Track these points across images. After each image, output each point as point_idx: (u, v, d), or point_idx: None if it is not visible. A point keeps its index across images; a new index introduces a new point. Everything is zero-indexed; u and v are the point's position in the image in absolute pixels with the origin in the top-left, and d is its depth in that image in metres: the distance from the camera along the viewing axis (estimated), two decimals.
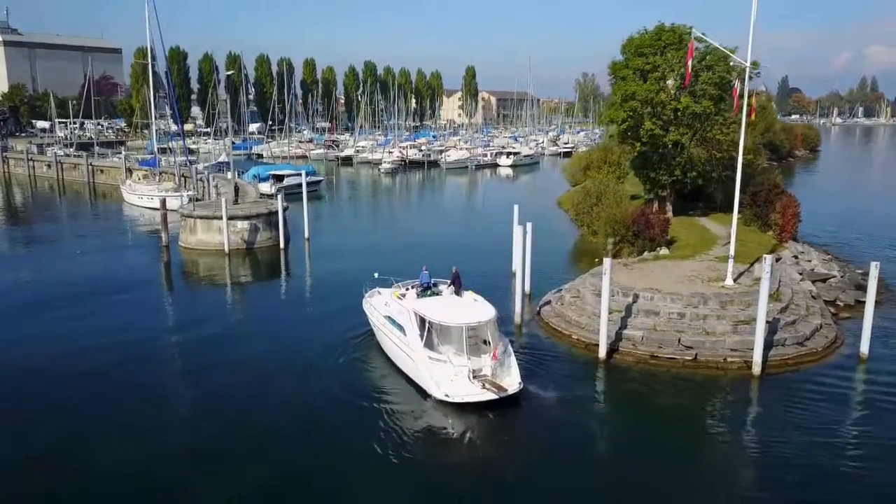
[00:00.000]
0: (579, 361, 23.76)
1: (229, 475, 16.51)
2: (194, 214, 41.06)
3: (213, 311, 30.72)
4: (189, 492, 15.83)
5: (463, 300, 22.77)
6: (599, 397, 21.61)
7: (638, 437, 18.91)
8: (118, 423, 18.98)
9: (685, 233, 37.64)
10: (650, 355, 23.27)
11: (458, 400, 19.22)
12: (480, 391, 19.41)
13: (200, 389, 21.56)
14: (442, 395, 19.41)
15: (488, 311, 21.35)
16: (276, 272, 38.97)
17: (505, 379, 20.04)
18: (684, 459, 17.58)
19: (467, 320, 20.68)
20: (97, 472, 16.56)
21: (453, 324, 20.58)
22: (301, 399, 20.64)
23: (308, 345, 25.19)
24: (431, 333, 20.81)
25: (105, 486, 15.99)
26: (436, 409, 19.69)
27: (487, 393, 19.34)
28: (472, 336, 20.92)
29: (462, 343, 20.31)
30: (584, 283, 28.14)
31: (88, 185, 76.24)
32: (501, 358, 20.31)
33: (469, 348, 20.39)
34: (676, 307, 24.55)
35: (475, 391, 19.44)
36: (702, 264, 29.95)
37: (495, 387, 19.46)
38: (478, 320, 20.80)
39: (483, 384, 19.55)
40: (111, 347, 24.63)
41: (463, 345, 20.27)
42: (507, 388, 19.57)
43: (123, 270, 37.54)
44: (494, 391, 19.35)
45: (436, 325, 20.71)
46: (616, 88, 40.66)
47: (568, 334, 25.48)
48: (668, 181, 41.25)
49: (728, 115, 39.13)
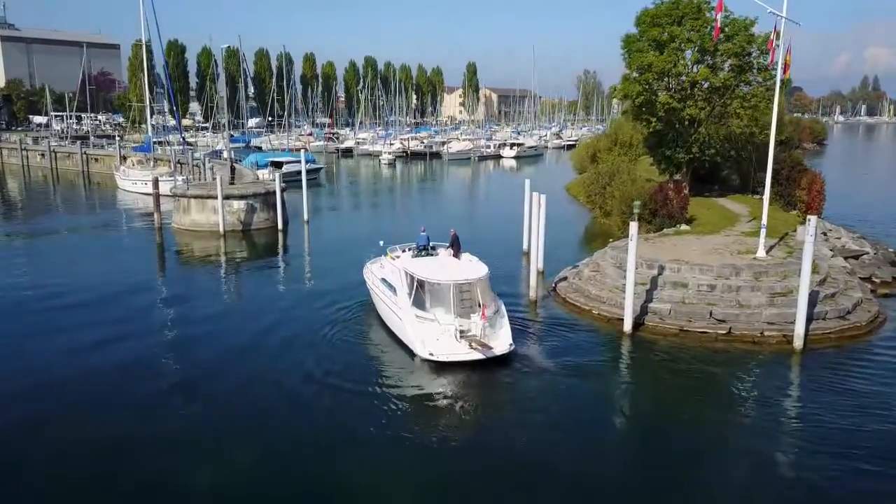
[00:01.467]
0: (602, 336, 21.89)
1: (216, 454, 14.71)
2: (188, 194, 39.16)
3: (207, 291, 28.84)
4: (181, 470, 14.05)
5: (454, 260, 21.86)
6: (625, 371, 19.75)
7: (668, 410, 17.08)
8: (107, 408, 17.19)
9: (704, 212, 35.71)
10: (679, 329, 21.39)
11: (443, 359, 18.52)
12: (467, 351, 18.65)
13: (190, 367, 19.69)
14: (426, 353, 18.73)
15: (480, 269, 20.60)
16: (274, 253, 37.01)
17: (494, 339, 19.15)
18: (720, 434, 15.74)
19: (455, 278, 19.86)
20: (85, 454, 14.81)
21: (440, 281, 19.80)
22: (288, 374, 18.93)
23: (304, 322, 23.47)
24: (421, 292, 20.09)
25: (96, 466, 14.27)
26: (422, 370, 18.75)
27: (474, 353, 18.60)
28: (464, 296, 19.97)
29: (450, 301, 19.43)
30: (604, 257, 26.24)
31: (83, 174, 74.32)
32: (491, 318, 19.41)
33: (459, 308, 19.60)
34: (706, 279, 22.65)
35: (461, 350, 18.69)
36: (727, 238, 28.06)
37: (482, 346, 18.64)
38: (466, 278, 19.99)
39: (470, 344, 18.73)
40: (98, 334, 22.16)
41: (450, 303, 19.39)
42: (493, 347, 18.71)
43: (114, 254, 35.63)
44: (481, 351, 18.55)
45: (423, 282, 19.98)
46: (630, 62, 38.71)
47: (588, 309, 23.58)
48: (685, 159, 39.29)
49: (750, 88, 37.35)
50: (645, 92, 37.91)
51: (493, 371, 18.87)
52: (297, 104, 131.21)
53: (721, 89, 37.81)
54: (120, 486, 13.51)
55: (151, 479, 13.71)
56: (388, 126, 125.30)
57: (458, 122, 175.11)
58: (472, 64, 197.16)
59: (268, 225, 40.15)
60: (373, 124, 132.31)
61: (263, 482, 13.62)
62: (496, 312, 19.90)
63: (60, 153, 79.32)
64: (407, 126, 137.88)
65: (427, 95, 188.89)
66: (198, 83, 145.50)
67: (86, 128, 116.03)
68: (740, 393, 18.10)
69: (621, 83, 39.76)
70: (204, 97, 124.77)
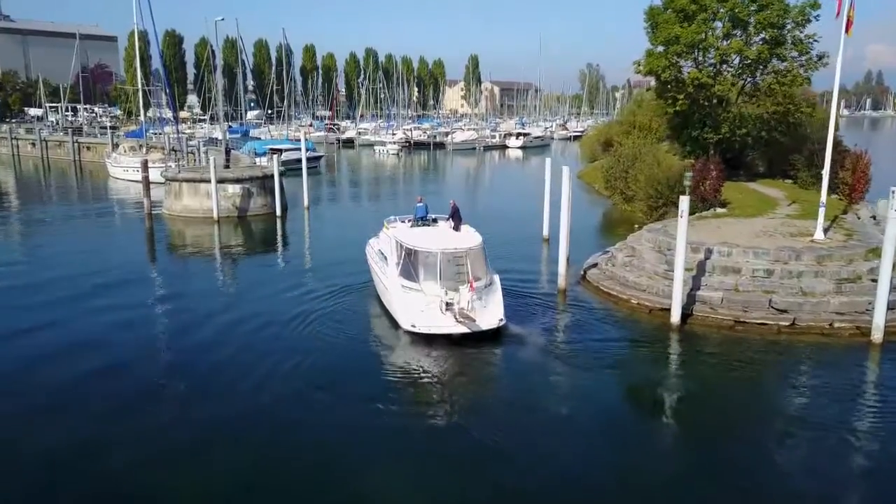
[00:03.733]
0: (645, 328, 19.16)
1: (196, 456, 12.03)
2: (179, 177, 36.40)
3: (197, 279, 26.24)
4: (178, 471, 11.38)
5: (448, 230, 20.69)
6: (674, 370, 17.00)
7: (728, 416, 14.35)
8: (93, 406, 14.53)
9: (738, 195, 32.89)
10: (734, 321, 18.67)
11: (424, 331, 17.57)
12: (452, 324, 17.52)
13: (181, 362, 17.11)
14: (409, 325, 17.79)
15: (472, 239, 19.49)
16: (272, 240, 34.26)
17: (483, 313, 17.86)
18: (790, 445, 13.07)
19: (443, 247, 18.68)
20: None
21: (428, 249, 18.65)
22: (277, 363, 16.59)
23: (302, 308, 20.89)
24: (409, 262, 18.92)
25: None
26: (409, 344, 17.67)
27: (458, 326, 17.49)
28: (454, 267, 18.60)
29: (437, 272, 18.24)
30: (640, 240, 23.50)
31: (74, 162, 71.46)
32: (481, 290, 18.03)
33: (448, 279, 18.32)
34: (762, 263, 19.92)
35: (445, 323, 17.56)
36: (773, 221, 25.34)
37: (467, 319, 17.44)
38: (455, 247, 18.82)
39: (455, 317, 17.50)
40: (84, 329, 19.52)
41: (438, 274, 18.19)
42: (478, 321, 17.49)
43: (99, 242, 32.83)
44: (465, 324, 17.42)
45: (411, 251, 18.84)
46: (655, 35, 35.90)
47: (626, 298, 20.85)
48: (714, 140, 36.49)
49: (785, 63, 34.57)
50: (671, 67, 35.17)
51: (517, 368, 16.50)
52: (296, 96, 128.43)
53: (753, 64, 35.10)
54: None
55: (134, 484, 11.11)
56: (389, 119, 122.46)
57: (461, 115, 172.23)
58: (475, 56, 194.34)
59: (265, 211, 37.44)
60: (374, 117, 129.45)
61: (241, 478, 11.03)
62: (488, 286, 18.66)
63: (51, 142, 76.50)
64: (409, 119, 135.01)
65: (429, 88, 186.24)
66: (196, 74, 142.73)
67: (81, 120, 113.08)
68: (812, 395, 15.41)
69: (645, 58, 36.98)
70: (202, 88, 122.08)
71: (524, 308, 20.70)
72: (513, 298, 21.12)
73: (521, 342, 18.03)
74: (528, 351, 17.54)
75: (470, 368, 16.77)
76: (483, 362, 17.27)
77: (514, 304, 20.44)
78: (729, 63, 36.39)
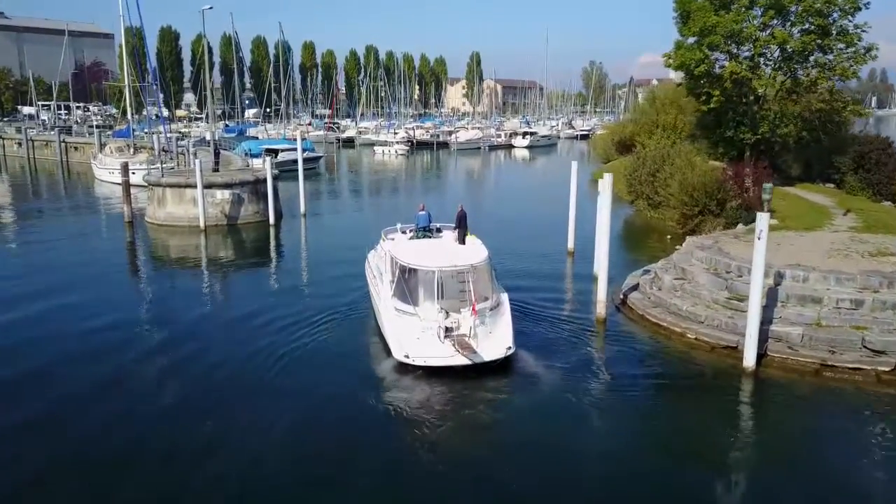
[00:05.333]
0: (709, 372, 15.77)
1: None
2: (162, 182, 33.01)
3: (181, 297, 23.14)
4: None
5: (451, 243, 18.28)
6: (753, 431, 13.63)
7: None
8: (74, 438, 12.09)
9: (782, 202, 29.46)
10: (820, 363, 15.33)
11: (419, 362, 15.14)
12: (451, 353, 15.10)
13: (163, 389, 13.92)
14: (402, 355, 15.32)
15: (476, 254, 16.91)
16: (264, 252, 30.85)
17: (487, 340, 15.35)
18: None
19: (442, 264, 16.14)
20: None
21: (422, 267, 16.25)
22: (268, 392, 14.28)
23: (290, 330, 18.32)
24: (404, 280, 16.48)
25: None
26: (401, 378, 15.12)
27: (458, 357, 15.02)
28: (454, 286, 16.18)
29: (435, 292, 15.89)
30: (690, 260, 20.12)
31: (61, 163, 68.01)
32: (484, 314, 15.59)
33: (448, 301, 15.95)
34: (847, 291, 16.57)
35: (443, 353, 15.12)
36: (838, 235, 21.99)
37: (467, 349, 15.00)
38: (456, 263, 16.20)
39: (453, 344, 15.13)
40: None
41: (436, 294, 15.87)
42: (481, 351, 15.02)
43: (72, 254, 29.13)
44: (466, 355, 14.94)
45: (406, 268, 16.45)
46: (687, 25, 32.58)
47: (680, 332, 17.49)
48: (751, 140, 33.17)
49: (833, 54, 31.29)
50: (706, 60, 31.88)
51: (544, 417, 13.54)
52: (295, 94, 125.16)
53: (795, 57, 31.82)
54: None
55: None
56: (390, 117, 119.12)
57: (462, 113, 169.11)
58: (476, 53, 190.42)
59: (257, 219, 34.10)
60: (374, 116, 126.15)
61: None
62: (495, 308, 16.12)
63: (38, 142, 73.14)
64: (410, 117, 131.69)
65: (430, 86, 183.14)
66: (192, 72, 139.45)
67: (74, 118, 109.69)
68: None
69: (675, 51, 33.68)
70: (199, 86, 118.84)
71: (550, 337, 17.78)
72: (532, 324, 18.36)
73: (546, 382, 15.07)
74: (556, 393, 14.54)
75: (476, 417, 13.79)
76: (492, 406, 14.32)
77: (534, 331, 17.80)
78: (767, 56, 33.16)
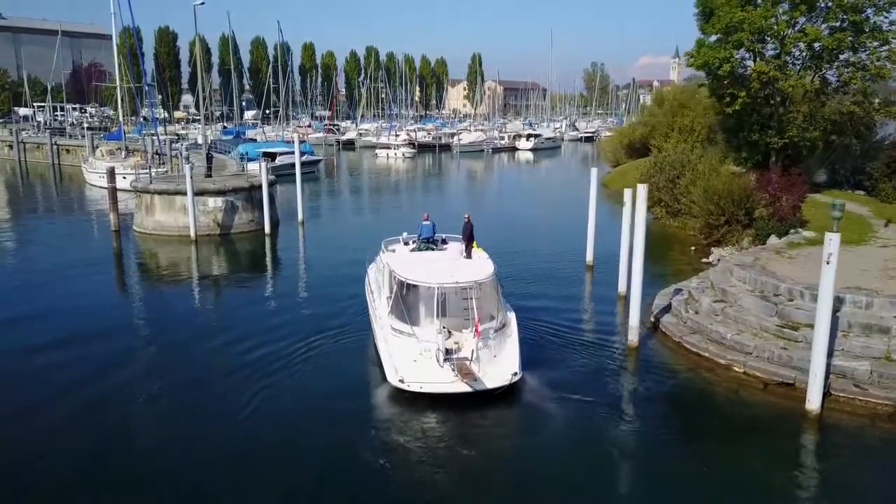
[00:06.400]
0: (764, 415, 13.70)
1: None
2: (151, 189, 30.97)
3: (169, 313, 21.16)
4: None
5: (455, 256, 17.27)
6: (825, 497, 11.59)
7: None
8: None
9: (814, 212, 27.53)
10: (894, 406, 13.30)
11: (415, 388, 13.95)
12: (450, 379, 13.87)
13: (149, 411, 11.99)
14: (397, 380, 14.18)
15: (480, 269, 15.82)
16: (258, 264, 28.84)
17: (491, 365, 14.19)
18: None
19: (443, 280, 14.97)
20: None
21: (424, 282, 15.14)
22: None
23: (284, 351, 16.81)
24: (403, 298, 15.38)
25: None
26: (395, 405, 13.96)
27: (458, 383, 13.82)
28: (457, 304, 15.18)
29: (435, 311, 14.84)
30: (730, 279, 18.07)
31: (53, 166, 66.02)
32: (489, 335, 14.48)
33: (449, 320, 14.87)
34: None
35: (442, 378, 13.89)
36: (891, 251, 19.97)
37: (468, 375, 13.79)
38: (458, 280, 15.08)
39: (453, 368, 13.96)
40: (39, 368, 15.68)
41: (435, 313, 14.80)
42: (482, 377, 13.79)
43: (56, 269, 26.72)
44: (467, 381, 13.77)
45: (404, 283, 15.40)
46: (710, 24, 30.49)
47: (725, 364, 15.44)
48: (778, 144, 31.10)
49: (868, 52, 29.25)
50: (731, 59, 29.82)
51: (563, 459, 11.30)
52: (295, 96, 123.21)
53: (825, 55, 29.76)
54: None
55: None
56: (391, 119, 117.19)
57: (463, 114, 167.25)
58: (477, 54, 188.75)
59: (252, 228, 32.06)
60: (375, 117, 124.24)
61: None
62: (501, 328, 14.95)
63: (30, 144, 71.14)
64: (411, 119, 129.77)
65: (431, 88, 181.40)
66: (190, 72, 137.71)
67: (70, 119, 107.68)
68: None
69: (696, 50, 31.62)
70: (197, 87, 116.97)
71: (565, 365, 16.03)
72: (545, 349, 16.68)
73: (558, 418, 13.49)
74: (569, 432, 12.98)
75: (472, 461, 12.02)
76: (491, 445, 12.75)
77: (547, 356, 16.19)
78: (794, 55, 31.11)
